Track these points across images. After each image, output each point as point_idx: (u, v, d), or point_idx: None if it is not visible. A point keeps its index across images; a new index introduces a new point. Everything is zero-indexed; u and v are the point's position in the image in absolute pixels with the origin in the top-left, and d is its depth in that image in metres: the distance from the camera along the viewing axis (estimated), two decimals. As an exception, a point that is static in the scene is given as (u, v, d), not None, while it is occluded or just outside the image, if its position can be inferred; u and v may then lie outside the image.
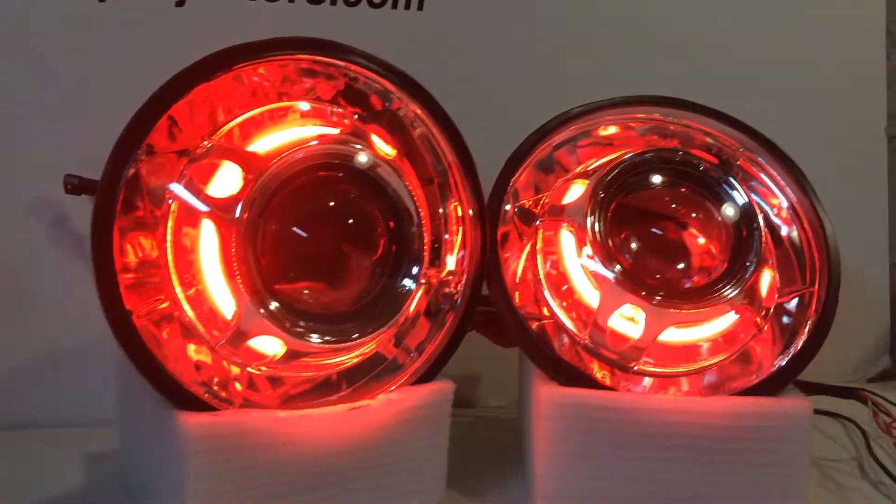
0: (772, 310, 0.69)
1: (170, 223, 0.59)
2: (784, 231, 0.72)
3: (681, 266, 0.68)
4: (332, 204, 0.61)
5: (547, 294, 0.70)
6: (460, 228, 0.67)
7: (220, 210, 0.57)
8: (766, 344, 0.69)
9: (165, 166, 0.59)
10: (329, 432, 0.60)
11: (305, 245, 0.60)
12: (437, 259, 0.66)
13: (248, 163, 0.58)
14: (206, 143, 0.59)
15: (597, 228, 0.67)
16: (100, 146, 0.79)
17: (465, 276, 0.67)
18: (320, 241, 0.60)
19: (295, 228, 0.59)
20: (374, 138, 0.63)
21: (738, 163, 0.73)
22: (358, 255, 0.61)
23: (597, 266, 0.66)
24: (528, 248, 0.71)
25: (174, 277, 0.59)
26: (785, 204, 0.72)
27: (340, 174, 0.60)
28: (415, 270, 0.62)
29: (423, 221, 0.63)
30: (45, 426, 0.81)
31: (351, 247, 0.61)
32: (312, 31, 0.64)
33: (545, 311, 0.70)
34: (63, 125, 0.82)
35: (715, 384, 0.67)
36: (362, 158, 0.60)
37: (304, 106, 0.62)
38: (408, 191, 0.62)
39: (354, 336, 0.60)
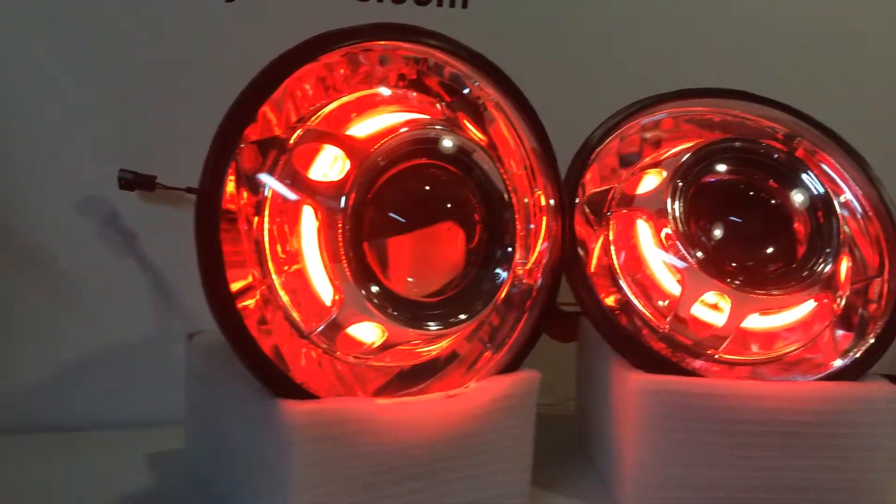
0: (846, 297, 0.70)
1: (266, 211, 0.58)
2: (852, 220, 0.73)
3: (761, 252, 0.68)
4: (431, 190, 0.60)
5: (623, 284, 0.70)
6: (544, 218, 0.67)
7: (325, 195, 0.56)
8: (842, 331, 0.69)
9: (259, 155, 0.58)
10: (426, 419, 0.59)
11: (406, 231, 0.59)
12: (523, 248, 0.65)
13: (350, 147, 0.57)
14: (299, 130, 0.58)
15: (677, 216, 0.67)
16: (149, 143, 0.80)
17: (545, 267, 0.67)
18: (420, 227, 0.60)
19: (395, 215, 0.59)
20: (466, 124, 0.63)
21: (802, 153, 0.74)
22: (455, 242, 0.61)
23: (678, 253, 0.67)
24: (601, 240, 0.71)
25: (271, 266, 0.58)
26: (850, 194, 0.73)
27: (437, 160, 0.60)
28: (508, 259, 0.62)
29: (517, 206, 0.63)
30: (100, 427, 0.79)
31: (449, 233, 0.61)
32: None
33: (622, 302, 0.70)
34: (110, 123, 0.80)
35: (794, 371, 0.68)
36: (458, 144, 0.60)
37: (386, 92, 0.62)
38: (502, 177, 0.62)
39: (455, 321, 0.60)
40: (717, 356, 0.68)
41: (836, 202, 0.69)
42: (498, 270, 0.62)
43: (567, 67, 0.93)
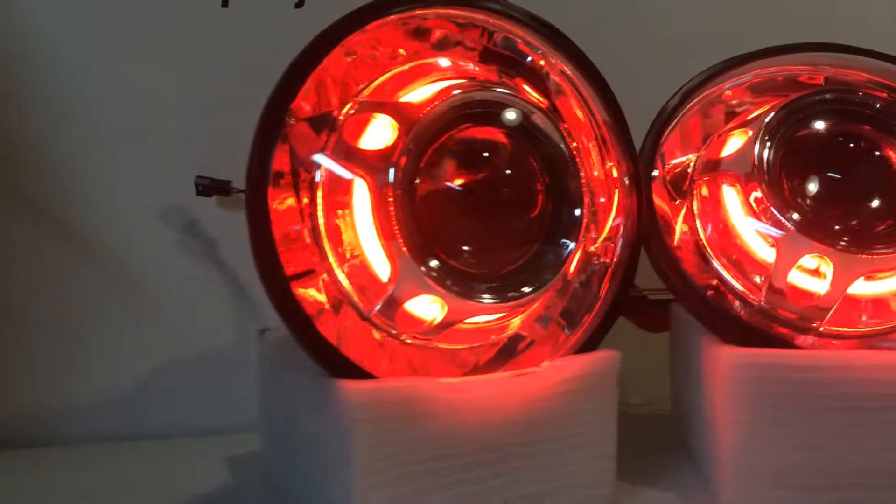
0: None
1: (320, 191, 0.56)
2: None
3: (865, 210, 0.62)
4: (488, 156, 0.57)
5: (711, 258, 0.65)
6: (616, 191, 0.63)
7: (374, 162, 0.54)
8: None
9: (312, 133, 0.56)
10: (495, 399, 0.56)
11: (462, 200, 0.56)
12: (594, 223, 0.61)
13: (400, 112, 0.55)
14: (350, 103, 0.57)
15: (766, 177, 0.61)
16: (225, 149, 0.80)
17: (620, 242, 0.62)
18: (478, 196, 0.57)
19: (451, 183, 0.56)
20: (526, 87, 0.60)
21: None
22: (516, 211, 0.58)
23: (770, 218, 0.61)
24: (683, 212, 0.66)
25: (327, 246, 0.56)
26: None
27: (494, 124, 0.57)
28: (575, 230, 0.58)
29: (584, 178, 0.59)
30: (182, 435, 0.79)
31: (509, 202, 0.57)
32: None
33: (711, 277, 0.64)
34: (187, 131, 0.81)
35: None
36: (513, 105, 0.57)
37: (444, 62, 0.59)
38: (566, 142, 0.58)
39: (517, 294, 0.56)
40: (822, 329, 0.61)
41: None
42: (564, 241, 0.58)
43: (645, 32, 0.88)
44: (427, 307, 0.56)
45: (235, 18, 0.82)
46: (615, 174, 0.63)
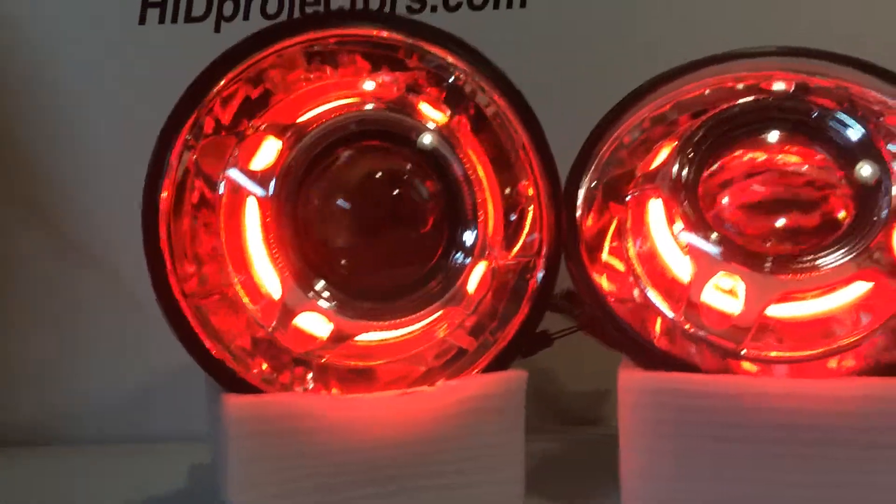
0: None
1: (223, 206, 0.58)
2: None
3: (785, 228, 0.57)
4: (376, 174, 0.58)
5: (640, 273, 0.62)
6: (531, 208, 0.62)
7: (261, 181, 0.55)
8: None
9: (218, 149, 0.59)
10: (381, 419, 0.56)
11: (348, 218, 0.57)
12: (503, 240, 0.61)
13: (285, 132, 0.56)
14: (252, 124, 0.58)
15: (685, 191, 0.58)
16: None
17: (536, 259, 0.61)
18: (364, 214, 0.57)
19: (337, 199, 0.57)
20: (424, 106, 0.59)
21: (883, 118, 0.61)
22: (405, 229, 0.58)
23: (687, 233, 0.58)
24: (614, 226, 0.64)
25: (229, 261, 0.58)
26: None
27: (384, 142, 0.57)
28: (468, 244, 0.57)
29: (480, 196, 0.58)
30: (178, 439, 0.82)
31: (397, 220, 0.58)
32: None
33: (636, 294, 0.62)
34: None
35: (843, 368, 0.56)
36: (406, 125, 0.57)
37: (349, 80, 0.60)
38: (460, 161, 0.58)
39: (404, 313, 0.56)
40: (744, 351, 0.57)
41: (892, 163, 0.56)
42: (458, 258, 0.57)
43: (632, 61, 0.86)
44: (316, 324, 0.57)
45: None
46: (531, 192, 0.62)
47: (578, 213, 0.63)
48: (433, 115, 0.60)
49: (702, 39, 0.81)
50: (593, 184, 0.64)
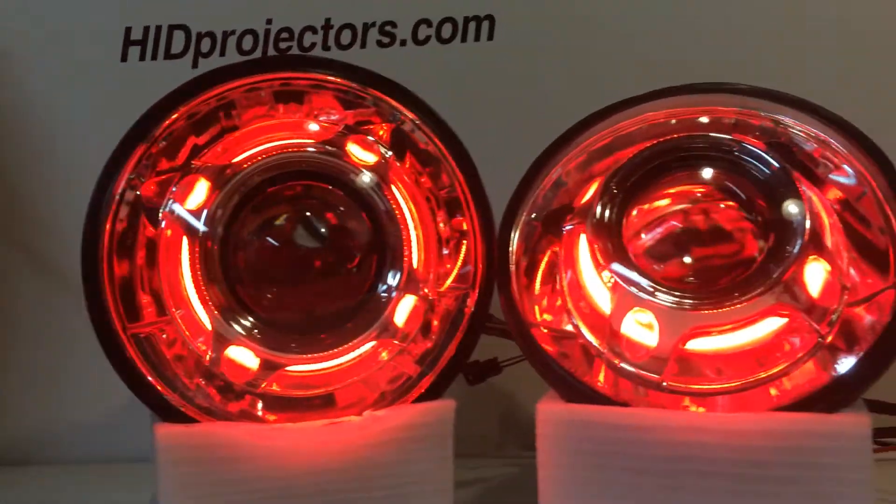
0: (838, 313, 0.57)
1: (163, 241, 0.61)
2: (864, 223, 0.59)
3: (705, 262, 0.58)
4: (302, 214, 0.60)
5: (570, 307, 0.63)
6: (464, 242, 0.63)
7: (192, 221, 0.58)
8: (823, 353, 0.56)
9: (160, 187, 0.61)
10: (306, 448, 0.58)
11: (275, 256, 0.59)
12: (438, 272, 0.63)
13: (215, 175, 0.59)
14: (191, 164, 0.61)
15: (605, 228, 0.60)
16: None
17: (469, 290, 0.63)
18: (290, 252, 0.60)
19: (264, 238, 0.59)
20: (352, 147, 0.62)
21: (808, 148, 0.62)
22: (331, 266, 0.60)
23: (607, 269, 0.59)
24: (546, 258, 0.65)
25: (169, 295, 0.61)
26: (867, 193, 0.59)
27: (313, 182, 0.60)
28: (394, 279, 0.59)
29: (405, 233, 0.60)
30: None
31: (324, 257, 0.60)
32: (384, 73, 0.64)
33: (564, 327, 0.63)
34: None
35: (759, 402, 0.56)
36: (335, 167, 0.60)
37: (291, 121, 0.63)
38: (387, 200, 0.60)
39: (329, 347, 0.58)
40: (665, 384, 0.58)
41: (808, 200, 0.57)
42: (383, 290, 0.59)
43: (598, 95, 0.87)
44: (246, 357, 0.59)
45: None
46: (465, 227, 0.64)
47: (514, 245, 0.65)
48: (363, 155, 0.62)
49: (662, 74, 0.84)
50: (533, 215, 0.66)
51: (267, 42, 0.91)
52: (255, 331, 0.58)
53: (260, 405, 0.61)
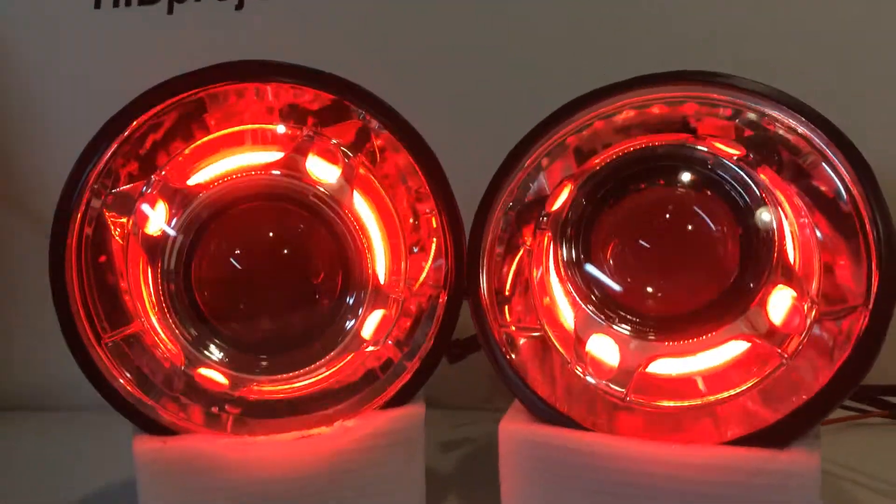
0: (804, 336, 0.56)
1: (129, 252, 0.61)
2: (841, 239, 0.57)
3: (670, 288, 0.57)
4: (265, 233, 0.60)
5: (537, 307, 0.63)
6: (434, 240, 0.63)
7: (147, 249, 0.58)
8: (784, 378, 0.56)
9: (124, 199, 0.61)
10: (279, 458, 0.60)
11: (239, 278, 0.59)
12: (405, 276, 0.63)
13: (176, 200, 0.58)
14: (153, 178, 0.60)
15: (569, 241, 0.58)
16: None
17: (433, 294, 0.63)
18: (254, 271, 0.60)
19: (229, 259, 0.59)
20: (313, 160, 0.60)
21: (800, 160, 0.58)
22: (297, 284, 0.60)
23: (567, 286, 0.58)
24: (519, 255, 0.64)
25: (145, 305, 0.61)
26: (848, 209, 0.57)
27: (272, 203, 0.59)
28: (361, 295, 0.60)
29: (369, 248, 0.60)
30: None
31: (287, 274, 0.60)
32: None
33: (532, 331, 0.63)
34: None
35: (729, 423, 0.57)
36: (292, 188, 0.59)
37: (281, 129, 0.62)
38: (347, 216, 0.60)
39: (296, 367, 0.59)
40: (629, 398, 0.58)
41: (778, 224, 0.55)
42: (350, 300, 0.60)
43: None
44: (214, 374, 0.61)
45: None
46: (434, 224, 0.63)
47: (486, 241, 0.64)
48: (325, 170, 0.60)
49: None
50: (509, 210, 0.64)
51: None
52: (223, 354, 0.59)
53: (241, 412, 0.62)
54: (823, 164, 0.58)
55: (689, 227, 0.57)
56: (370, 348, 0.62)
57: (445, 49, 0.86)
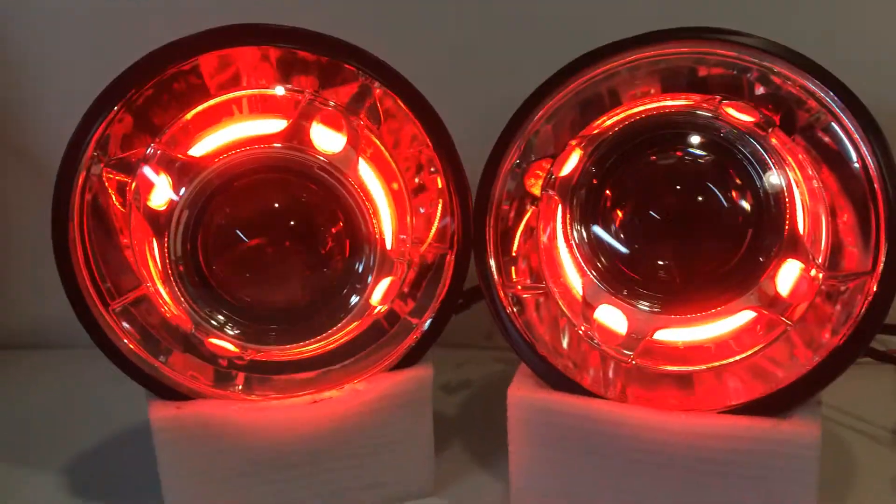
0: (810, 303, 0.56)
1: (133, 221, 0.60)
2: (849, 207, 0.57)
3: (679, 260, 0.57)
4: (272, 205, 0.59)
5: (546, 272, 0.63)
6: (440, 200, 0.62)
7: (152, 223, 0.57)
8: (789, 346, 0.57)
9: (125, 166, 0.59)
10: (292, 422, 0.61)
11: (248, 248, 0.59)
12: (412, 236, 0.62)
13: (179, 173, 0.57)
14: (152, 146, 0.59)
15: (578, 211, 0.58)
16: None
17: (441, 253, 0.63)
18: (261, 243, 0.59)
19: (235, 231, 0.59)
20: (318, 129, 0.59)
21: (814, 128, 0.57)
22: (304, 254, 0.60)
23: (575, 255, 0.58)
24: (528, 216, 0.63)
25: (151, 273, 0.61)
26: (862, 175, 0.56)
27: (277, 174, 0.58)
28: (369, 263, 0.60)
29: (375, 215, 0.59)
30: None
31: (296, 245, 0.59)
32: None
33: (539, 293, 0.63)
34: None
35: (733, 388, 0.58)
36: (297, 160, 0.58)
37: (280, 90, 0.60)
38: (353, 186, 0.59)
39: (312, 334, 0.60)
40: (634, 362, 0.59)
41: (790, 195, 0.54)
42: (359, 267, 0.60)
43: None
44: (226, 344, 0.61)
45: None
46: (440, 184, 0.62)
47: (493, 200, 0.63)
48: (330, 138, 0.59)
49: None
50: (517, 168, 0.63)
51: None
52: (231, 325, 0.59)
53: (244, 376, 0.63)
54: (833, 123, 0.57)
55: (700, 199, 0.56)
56: (379, 309, 0.62)
57: (449, 1, 0.82)
